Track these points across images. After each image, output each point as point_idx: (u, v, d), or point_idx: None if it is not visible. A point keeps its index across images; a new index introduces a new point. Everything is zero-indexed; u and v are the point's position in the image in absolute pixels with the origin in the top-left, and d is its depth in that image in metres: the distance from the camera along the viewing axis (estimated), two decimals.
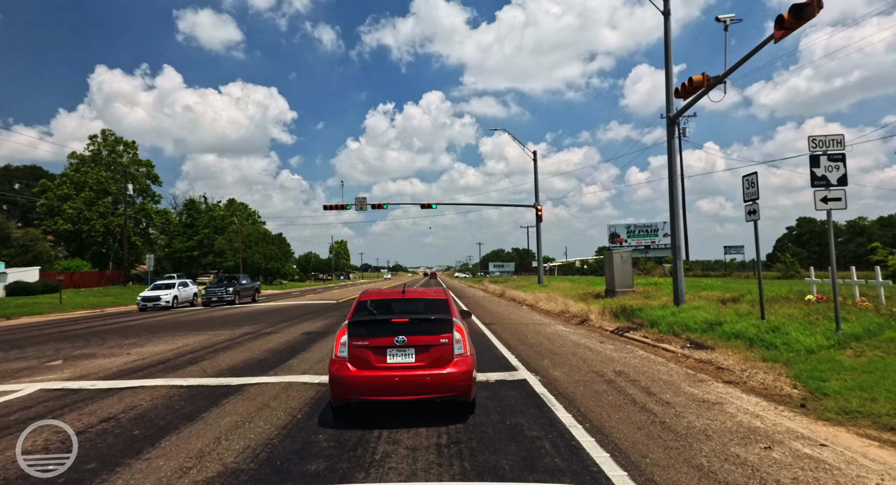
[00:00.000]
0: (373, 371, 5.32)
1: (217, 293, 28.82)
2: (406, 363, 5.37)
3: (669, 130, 14.56)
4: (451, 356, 5.43)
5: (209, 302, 28.53)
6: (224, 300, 28.83)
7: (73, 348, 11.97)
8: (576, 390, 6.83)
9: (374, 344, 5.40)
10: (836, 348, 7.89)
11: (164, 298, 26.87)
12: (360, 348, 5.41)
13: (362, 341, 5.43)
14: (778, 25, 9.00)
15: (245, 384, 7.48)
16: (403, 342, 5.39)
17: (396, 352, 5.40)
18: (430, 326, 5.54)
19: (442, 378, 5.30)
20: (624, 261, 20.60)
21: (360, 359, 5.37)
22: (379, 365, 5.35)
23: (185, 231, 69.86)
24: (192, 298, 29.93)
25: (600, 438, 4.84)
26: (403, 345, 5.39)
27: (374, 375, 5.29)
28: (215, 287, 29.42)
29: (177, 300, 27.80)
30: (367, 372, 5.31)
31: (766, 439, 4.70)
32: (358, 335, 5.47)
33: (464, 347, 5.53)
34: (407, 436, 4.95)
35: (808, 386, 6.42)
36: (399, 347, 5.39)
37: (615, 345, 10.75)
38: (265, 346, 11.58)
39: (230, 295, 28.96)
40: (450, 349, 5.45)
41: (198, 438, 5.03)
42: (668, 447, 4.56)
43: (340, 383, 5.32)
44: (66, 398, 6.86)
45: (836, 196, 8.67)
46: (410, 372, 5.30)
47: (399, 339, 5.40)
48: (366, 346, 5.41)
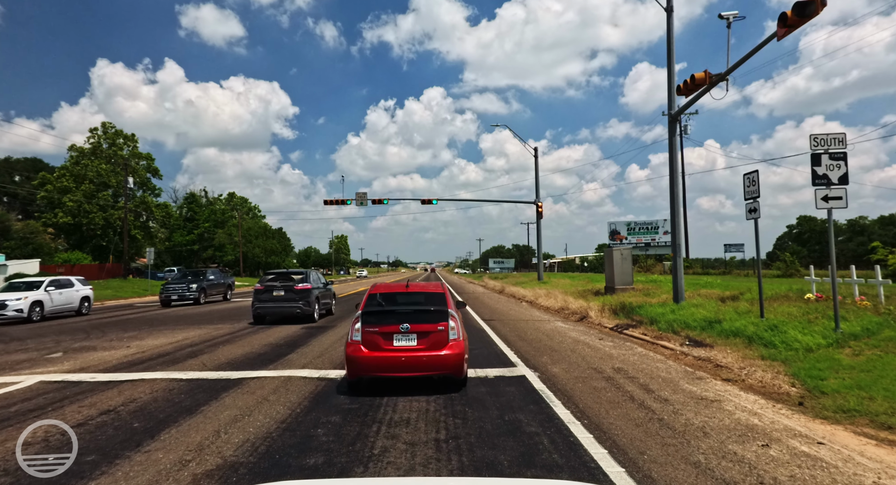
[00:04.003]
0: (382, 353, 6.33)
1: (177, 291, 23.96)
2: (409, 346, 6.37)
3: (671, 128, 14.52)
4: (447, 341, 6.42)
5: (168, 301, 23.60)
6: (186, 299, 24.11)
7: (74, 341, 12.00)
8: (574, 386, 6.85)
9: (382, 330, 6.40)
10: (835, 347, 7.91)
11: (11, 305, 17.05)
12: (371, 334, 6.41)
13: (373, 328, 6.43)
14: (781, 23, 8.96)
15: (244, 378, 7.50)
16: (407, 329, 6.40)
17: (401, 337, 6.39)
18: (429, 316, 6.56)
19: (439, 359, 6.33)
20: (624, 258, 20.62)
21: (371, 342, 6.37)
22: (387, 347, 6.36)
23: (185, 225, 69.86)
24: (80, 306, 19.75)
25: (598, 434, 4.85)
26: (407, 331, 6.40)
27: (383, 356, 6.31)
28: (176, 284, 24.61)
29: (40, 310, 17.84)
30: (377, 353, 6.33)
31: (763, 437, 4.71)
32: (369, 323, 6.49)
33: (457, 333, 6.53)
34: (406, 431, 4.97)
35: (806, 384, 6.44)
36: (404, 333, 6.39)
37: (614, 342, 10.77)
38: (265, 340, 11.60)
39: (193, 292, 24.07)
40: (445, 335, 6.43)
41: (197, 431, 5.04)
42: (666, 444, 4.57)
43: (355, 362, 6.36)
44: (67, 390, 6.88)
45: (837, 195, 8.66)
46: (413, 353, 6.31)
47: (404, 326, 6.41)
48: (376, 331, 6.41)
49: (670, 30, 14.30)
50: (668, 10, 14.21)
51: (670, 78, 14.35)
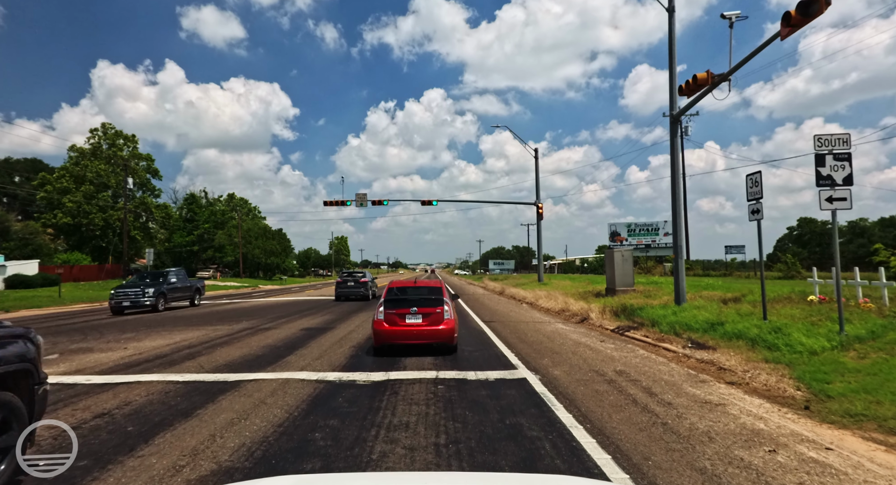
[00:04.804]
0: (398, 327, 9.25)
1: (130, 296, 20.53)
2: (417, 323, 9.28)
3: (672, 128, 14.44)
4: (443, 319, 9.33)
5: (120, 309, 20.40)
6: (141, 306, 20.61)
7: (70, 342, 11.90)
8: (576, 389, 6.75)
9: (398, 312, 9.32)
10: (840, 350, 7.81)
11: None
12: (390, 314, 9.32)
13: (392, 310, 9.36)
14: (785, 22, 8.88)
15: (242, 381, 7.40)
16: (415, 311, 9.32)
17: (411, 316, 9.29)
18: (430, 302, 9.52)
19: (437, 332, 9.24)
20: (625, 259, 20.52)
21: (391, 320, 9.29)
22: (401, 324, 9.26)
23: (185, 225, 69.74)
24: None
25: (601, 439, 4.76)
26: (415, 313, 9.31)
27: (398, 329, 9.24)
28: (129, 288, 21.02)
29: None
30: (394, 327, 9.25)
31: (770, 442, 4.62)
32: (389, 307, 9.41)
33: (450, 314, 9.48)
34: (405, 435, 4.87)
35: (811, 388, 6.34)
36: (412, 313, 9.30)
37: (616, 344, 10.67)
38: (263, 341, 11.50)
39: (150, 298, 20.73)
40: (442, 315, 9.35)
41: (192, 435, 4.95)
42: (671, 449, 4.48)
43: (380, 334, 9.30)
44: (61, 393, 6.78)
45: (842, 196, 8.57)
46: (419, 328, 9.24)
47: (413, 309, 9.33)
48: (394, 313, 9.32)
49: (672, 30, 14.23)
50: (670, 11, 14.13)
51: (672, 78, 14.27)
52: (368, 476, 2.94)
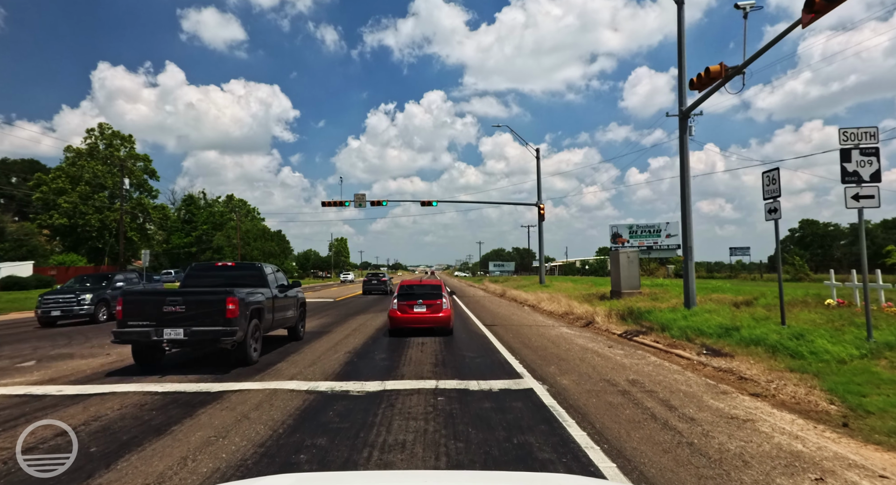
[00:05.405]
0: (407, 315, 12.19)
1: (61, 305, 16.50)
2: (422, 311, 12.22)
3: (682, 126, 13.90)
4: (441, 309, 12.31)
5: (49, 319, 16.36)
6: (75, 315, 16.61)
7: (52, 347, 11.34)
8: (588, 401, 6.21)
9: (408, 303, 12.32)
10: (870, 358, 7.27)
11: None
12: (402, 305, 12.31)
13: (403, 302, 12.37)
14: (807, 9, 8.35)
15: (226, 391, 6.84)
16: (421, 302, 12.31)
17: (418, 306, 12.26)
18: (432, 296, 12.57)
19: (437, 318, 12.21)
20: (631, 261, 19.98)
21: (402, 309, 12.25)
22: (410, 312, 12.21)
23: (183, 227, 69.24)
24: None
25: (622, 463, 4.21)
26: (421, 303, 12.29)
27: (408, 316, 12.19)
28: (60, 294, 16.97)
29: None
30: (404, 315, 12.20)
31: (814, 468, 4.07)
32: (401, 299, 12.44)
33: (448, 305, 12.54)
34: (401, 458, 4.33)
35: (846, 401, 5.80)
36: (418, 304, 12.27)
37: (625, 350, 10.13)
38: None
39: (86, 307, 16.81)
40: (441, 306, 12.35)
41: (161, 457, 4.40)
42: (702, 476, 3.93)
43: (395, 319, 12.29)
44: (26, 407, 6.21)
45: (869, 194, 8.03)
46: (424, 315, 12.20)
47: (419, 301, 12.33)
48: (405, 303, 12.32)
49: (681, 23, 13.72)
50: (679, 3, 13.62)
51: (681, 73, 13.75)
52: (368, 475, 2.91)
